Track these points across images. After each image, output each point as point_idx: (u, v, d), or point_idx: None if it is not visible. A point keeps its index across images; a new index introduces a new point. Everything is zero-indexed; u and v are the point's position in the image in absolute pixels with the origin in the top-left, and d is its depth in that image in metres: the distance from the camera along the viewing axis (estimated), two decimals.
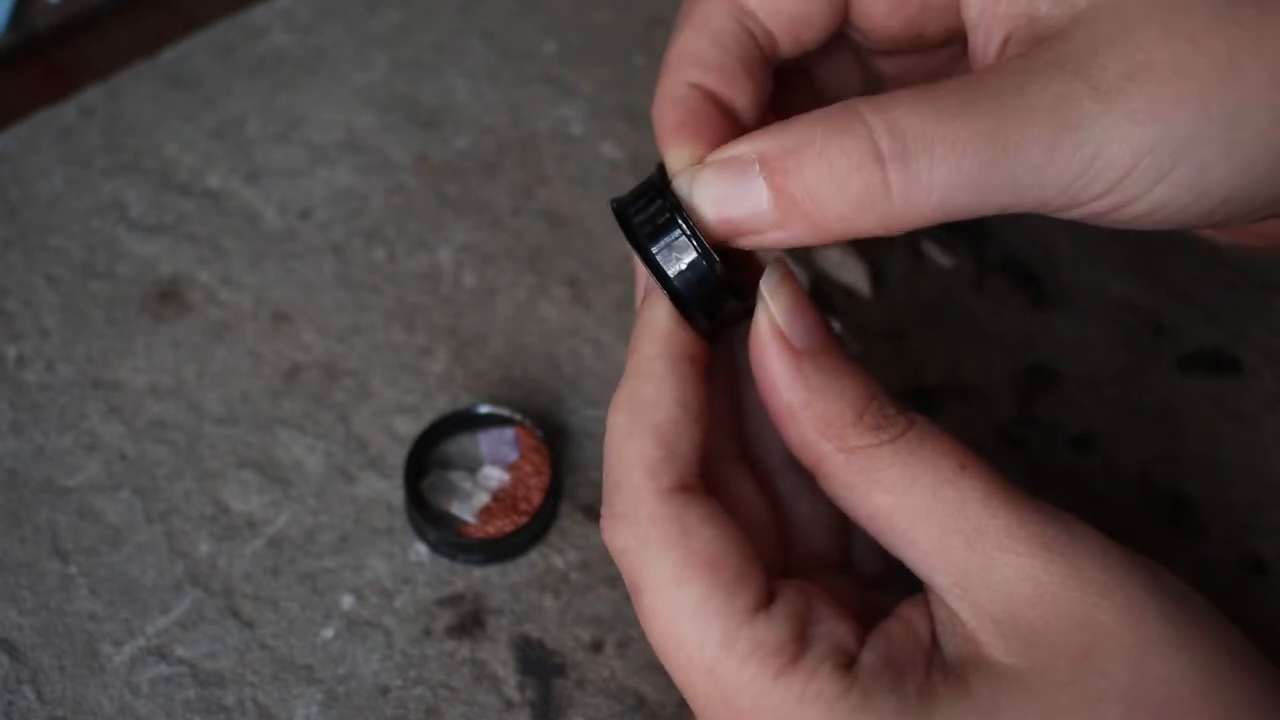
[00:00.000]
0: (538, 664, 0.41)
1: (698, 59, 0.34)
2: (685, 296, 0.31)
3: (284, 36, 0.57)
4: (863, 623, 0.31)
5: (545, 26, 0.58)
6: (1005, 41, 0.32)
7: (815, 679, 0.29)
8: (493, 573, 0.42)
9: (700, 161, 0.32)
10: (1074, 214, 0.30)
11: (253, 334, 0.48)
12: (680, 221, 0.31)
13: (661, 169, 0.33)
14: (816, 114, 0.30)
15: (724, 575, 0.30)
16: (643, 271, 0.33)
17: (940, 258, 0.50)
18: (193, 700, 0.39)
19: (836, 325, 0.48)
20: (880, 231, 0.30)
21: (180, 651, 0.40)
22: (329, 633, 0.41)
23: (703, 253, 0.31)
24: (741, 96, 0.34)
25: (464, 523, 0.43)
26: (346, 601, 0.42)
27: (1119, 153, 0.29)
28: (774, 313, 0.31)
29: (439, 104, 0.55)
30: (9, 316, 0.48)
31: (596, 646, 0.41)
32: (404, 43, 0.57)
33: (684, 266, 0.31)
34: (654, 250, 0.31)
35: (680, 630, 0.30)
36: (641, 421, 0.31)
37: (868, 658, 0.30)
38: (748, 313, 0.32)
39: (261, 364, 0.47)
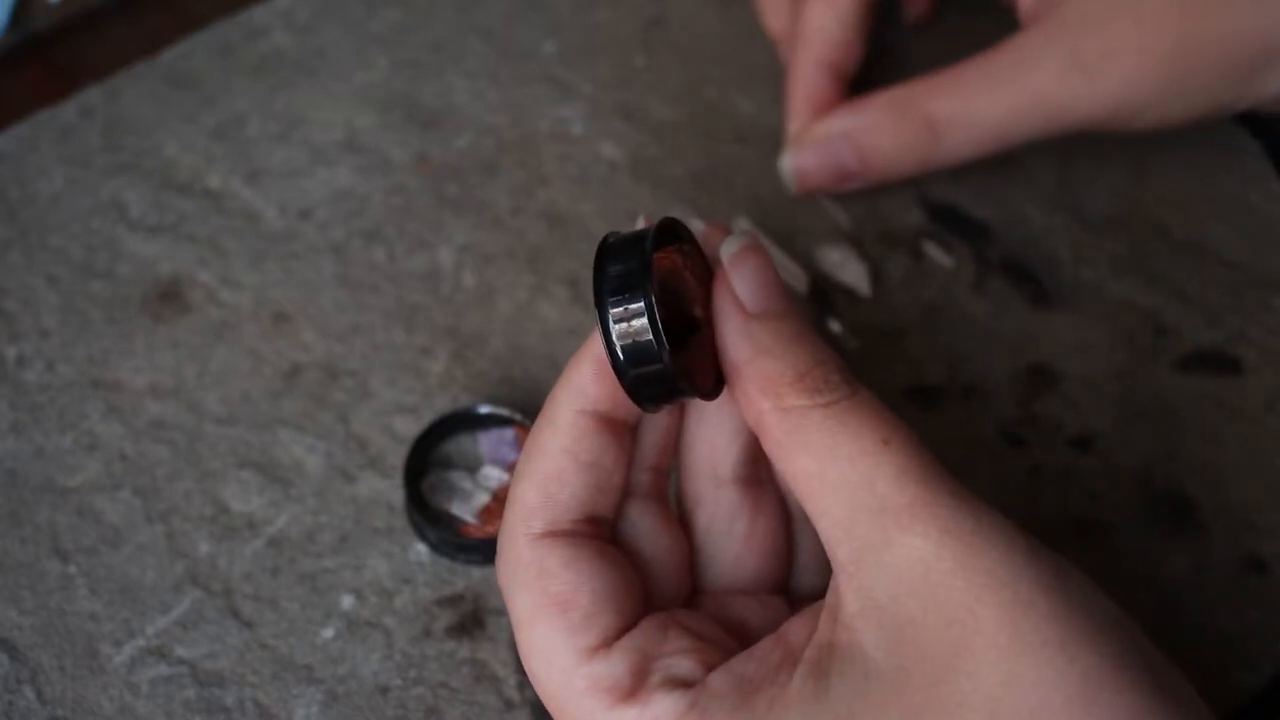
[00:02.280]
0: None
1: (827, 38, 0.50)
2: (621, 367, 0.31)
3: (284, 36, 0.57)
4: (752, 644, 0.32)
5: (545, 26, 0.58)
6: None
7: (649, 708, 0.30)
8: (493, 573, 0.42)
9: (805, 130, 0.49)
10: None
11: (253, 334, 0.48)
12: (647, 293, 0.30)
13: (662, 227, 0.32)
14: (881, 101, 0.48)
15: (571, 616, 0.31)
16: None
17: (940, 258, 0.50)
18: (193, 700, 0.39)
19: (835, 325, 0.48)
20: (925, 169, 0.48)
21: (180, 651, 0.40)
22: (329, 633, 0.41)
23: (654, 331, 0.30)
24: (854, 59, 0.51)
25: (464, 523, 0.43)
26: (346, 601, 0.42)
27: (1097, 113, 0.45)
28: (730, 277, 0.33)
29: (439, 104, 0.55)
30: (9, 316, 0.48)
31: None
32: (404, 43, 0.57)
33: (630, 336, 0.30)
34: (609, 302, 0.30)
35: (533, 666, 0.32)
36: (530, 466, 0.33)
37: (716, 681, 0.30)
38: (682, 394, 0.31)
39: (261, 364, 0.47)
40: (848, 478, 0.30)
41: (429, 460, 0.45)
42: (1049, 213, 0.51)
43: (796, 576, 0.36)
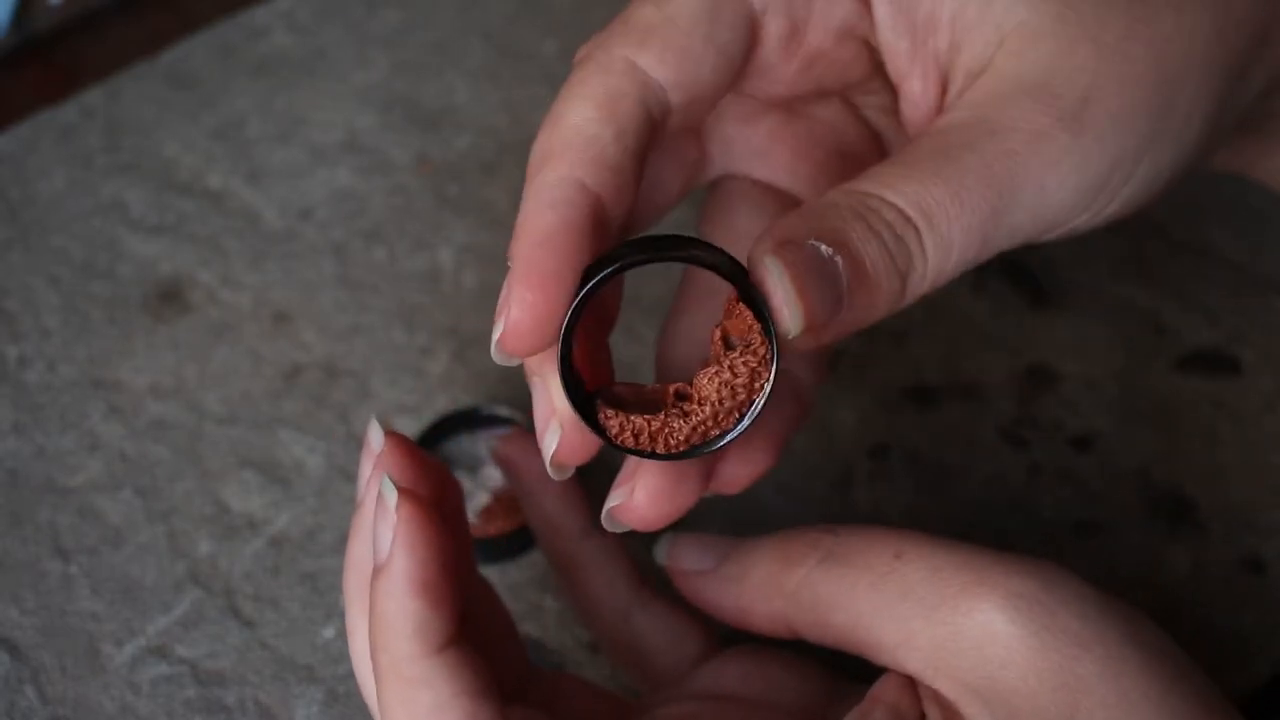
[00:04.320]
0: (538, 664, 0.41)
1: (598, 154, 0.30)
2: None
3: (284, 37, 0.57)
4: None
5: (545, 26, 0.58)
6: (942, 83, 0.32)
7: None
8: (493, 573, 0.42)
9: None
10: (1056, 235, 0.32)
11: (253, 334, 0.48)
12: (567, 329, 0.29)
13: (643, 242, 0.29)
14: (836, 205, 0.29)
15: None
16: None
17: None
18: (193, 700, 0.40)
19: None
20: (909, 300, 0.31)
21: (181, 651, 0.41)
22: (329, 632, 0.41)
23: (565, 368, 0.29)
24: (626, 201, 0.30)
25: None
26: None
27: (1095, 173, 0.30)
28: (675, 554, 0.35)
29: (439, 104, 0.55)
30: (10, 317, 0.48)
31: (596, 646, 0.41)
32: (404, 43, 0.57)
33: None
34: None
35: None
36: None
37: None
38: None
39: (262, 364, 0.47)
40: (882, 604, 0.30)
41: None
42: None
43: None
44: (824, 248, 0.28)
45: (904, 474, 0.44)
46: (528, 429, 0.44)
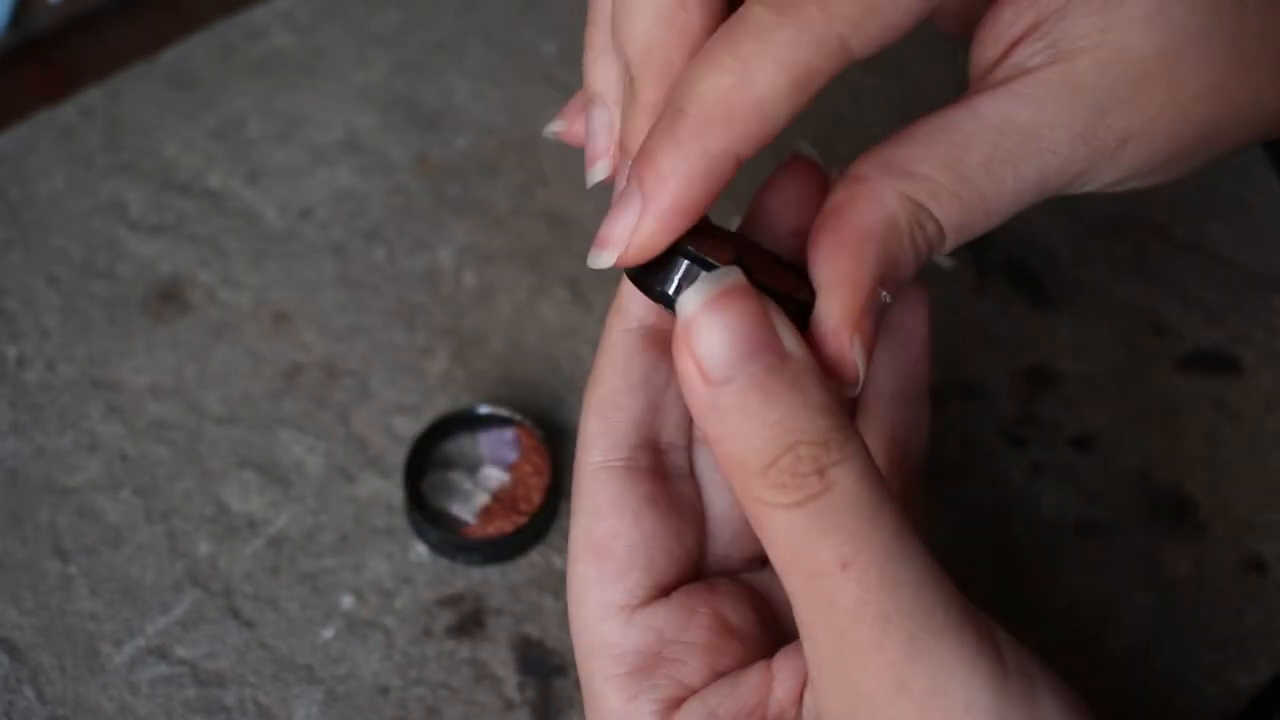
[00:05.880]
0: (538, 664, 0.41)
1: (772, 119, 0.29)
2: (634, 271, 0.29)
3: (284, 37, 0.57)
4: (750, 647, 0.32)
5: (545, 26, 0.58)
6: (1015, 44, 0.31)
7: (630, 713, 0.30)
8: (493, 573, 0.42)
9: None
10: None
11: (253, 334, 0.48)
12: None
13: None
14: (895, 223, 0.29)
15: (605, 565, 0.31)
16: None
17: (941, 259, 0.50)
18: (193, 700, 0.39)
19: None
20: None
21: (180, 651, 0.41)
22: (329, 633, 0.41)
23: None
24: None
25: (464, 523, 0.43)
26: (346, 601, 0.42)
27: (1108, 186, 0.32)
28: (694, 334, 0.27)
29: (439, 104, 0.55)
30: (9, 316, 0.48)
31: None
32: (404, 43, 0.57)
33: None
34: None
35: (568, 600, 0.32)
36: (589, 395, 0.32)
37: (690, 711, 0.30)
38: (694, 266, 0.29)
39: (261, 364, 0.47)
40: (807, 591, 0.28)
41: (429, 460, 0.45)
42: (1049, 213, 0.51)
43: None
44: (885, 295, 0.29)
45: None
46: (528, 429, 0.44)
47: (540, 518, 0.43)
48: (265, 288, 0.49)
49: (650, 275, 0.29)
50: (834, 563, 0.27)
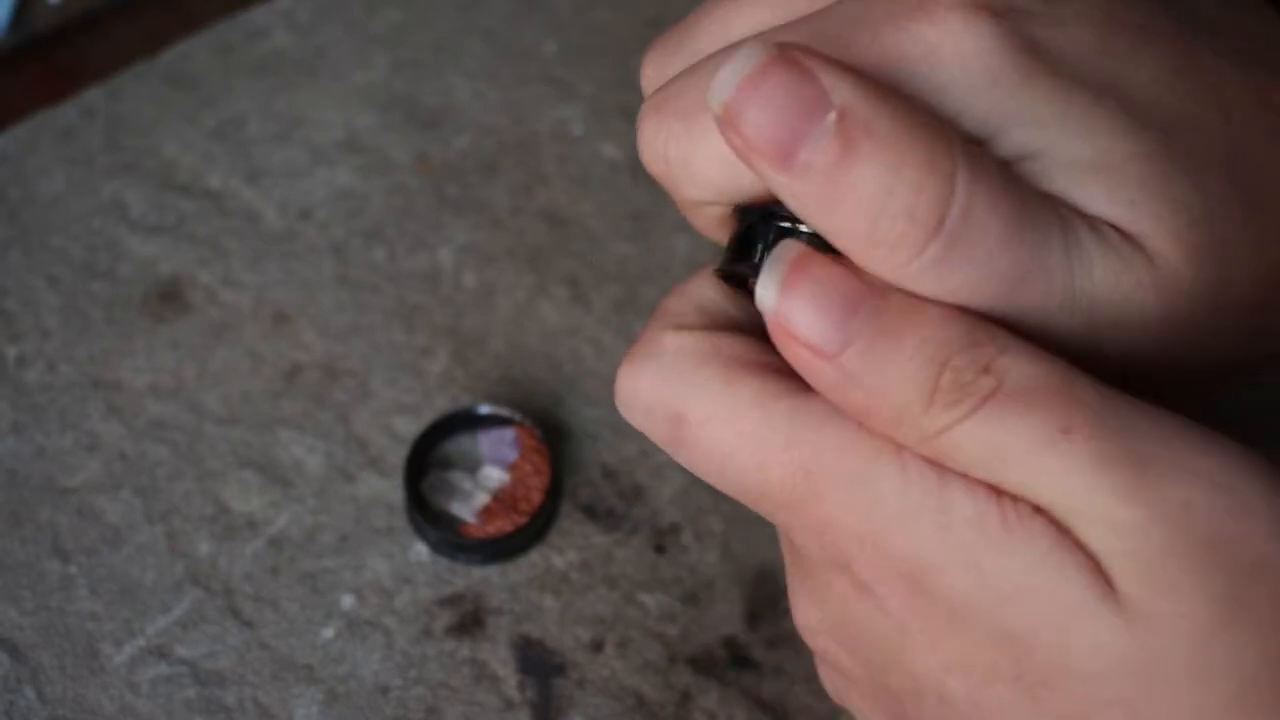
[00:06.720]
0: (538, 664, 0.41)
1: None
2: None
3: (284, 37, 0.57)
4: None
5: (545, 26, 0.58)
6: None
7: None
8: (493, 573, 0.42)
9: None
10: None
11: (253, 334, 0.48)
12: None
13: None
14: None
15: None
16: None
17: None
18: (193, 700, 0.40)
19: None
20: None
21: (180, 651, 0.41)
22: (329, 632, 0.41)
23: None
24: None
25: (464, 523, 0.43)
26: (346, 601, 0.42)
27: None
28: (790, 325, 0.25)
29: (439, 104, 0.55)
30: (9, 316, 0.48)
31: (596, 646, 0.41)
32: (404, 43, 0.57)
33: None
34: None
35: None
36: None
37: None
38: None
39: (261, 364, 0.47)
40: (1041, 480, 0.24)
41: (429, 460, 0.45)
42: None
43: None
44: None
45: None
46: (528, 429, 0.44)
47: (540, 517, 0.43)
48: (265, 288, 0.49)
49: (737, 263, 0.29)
50: (1052, 435, 0.24)
